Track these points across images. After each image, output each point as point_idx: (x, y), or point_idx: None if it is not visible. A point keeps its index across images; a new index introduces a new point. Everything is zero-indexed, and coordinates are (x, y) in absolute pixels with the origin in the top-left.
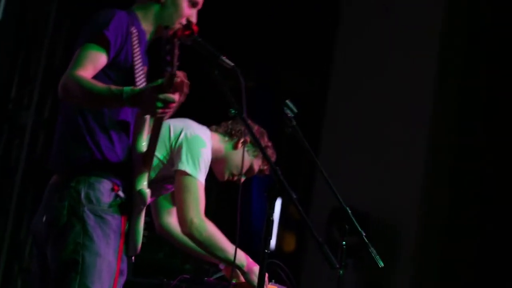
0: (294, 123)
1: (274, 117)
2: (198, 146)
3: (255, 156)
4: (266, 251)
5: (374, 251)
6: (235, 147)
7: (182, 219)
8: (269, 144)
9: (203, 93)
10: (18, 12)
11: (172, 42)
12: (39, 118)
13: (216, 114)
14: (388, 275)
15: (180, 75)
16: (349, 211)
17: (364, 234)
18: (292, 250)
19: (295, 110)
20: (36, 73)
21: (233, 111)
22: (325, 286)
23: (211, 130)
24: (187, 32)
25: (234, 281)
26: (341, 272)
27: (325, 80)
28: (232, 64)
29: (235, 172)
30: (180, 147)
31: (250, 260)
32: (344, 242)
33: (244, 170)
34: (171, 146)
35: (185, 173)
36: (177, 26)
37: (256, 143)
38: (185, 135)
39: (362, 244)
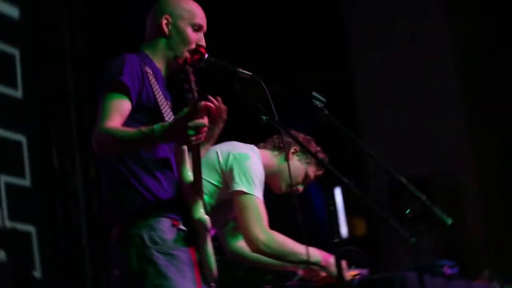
0: (327, 112)
1: (309, 115)
2: (248, 163)
3: (308, 163)
4: (336, 240)
5: (439, 211)
6: (287, 158)
7: (248, 238)
8: (318, 149)
9: (240, 114)
10: (37, 87)
11: (184, 70)
12: (87, 180)
13: (258, 131)
14: (461, 232)
15: (216, 102)
16: (404, 180)
17: (424, 198)
18: (364, 234)
19: (323, 99)
20: (71, 137)
21: (264, 117)
22: (405, 260)
23: (259, 147)
24: (196, 57)
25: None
26: (413, 240)
27: (346, 63)
28: (250, 73)
29: (292, 182)
30: (231, 169)
31: (325, 253)
32: (407, 211)
33: (301, 179)
34: (222, 169)
35: (241, 192)
36: (186, 54)
37: (304, 149)
38: (234, 156)
39: (427, 209)
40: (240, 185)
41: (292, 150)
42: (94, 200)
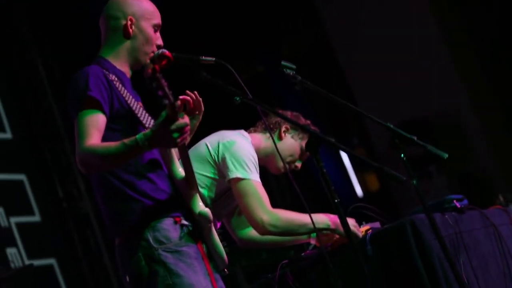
0: (299, 78)
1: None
2: (236, 148)
3: (302, 139)
4: (336, 200)
5: (433, 148)
6: (279, 137)
7: (254, 223)
8: (308, 122)
9: (221, 103)
10: (24, 124)
11: (155, 78)
12: (95, 201)
13: (245, 117)
14: (472, 164)
15: (192, 95)
16: (391, 126)
17: (415, 138)
18: (378, 188)
19: (293, 66)
20: (69, 164)
21: (237, 98)
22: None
23: (249, 132)
24: (164, 62)
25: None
26: (414, 182)
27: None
28: (213, 58)
29: (289, 160)
30: (223, 158)
31: (332, 216)
32: (402, 155)
33: (298, 155)
34: (215, 161)
35: (238, 180)
36: (150, 54)
37: (295, 124)
38: (223, 145)
39: (426, 152)
40: (234, 173)
41: (283, 129)
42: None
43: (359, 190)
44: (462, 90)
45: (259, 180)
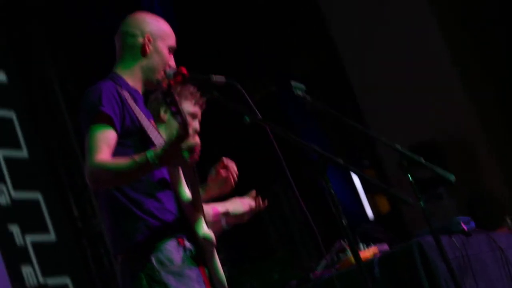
0: (309, 98)
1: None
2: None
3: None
4: (343, 221)
5: (440, 169)
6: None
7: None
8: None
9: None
10: (40, 143)
11: (169, 93)
12: None
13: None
14: (481, 186)
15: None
16: (399, 147)
17: (422, 160)
18: (389, 210)
19: (303, 86)
20: (84, 183)
21: (247, 118)
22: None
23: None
24: (179, 79)
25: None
26: (421, 204)
27: (334, 51)
28: (224, 78)
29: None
30: None
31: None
32: (409, 177)
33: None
34: None
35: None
36: (162, 73)
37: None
38: None
39: (435, 174)
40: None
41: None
42: None
43: (369, 212)
44: (471, 112)
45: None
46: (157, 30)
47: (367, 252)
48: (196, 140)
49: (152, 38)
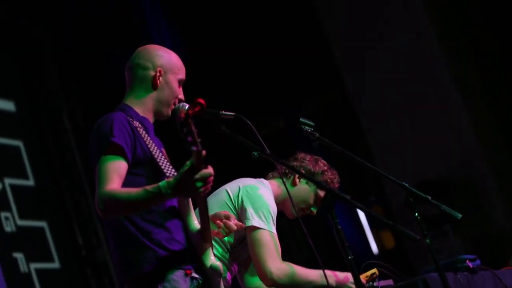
0: (317, 135)
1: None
2: (258, 197)
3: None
4: (350, 257)
5: (447, 207)
6: (293, 184)
7: (262, 274)
8: (325, 168)
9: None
10: (47, 172)
11: (187, 123)
12: None
13: (261, 167)
14: (488, 224)
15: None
16: (406, 185)
17: (429, 198)
18: (393, 246)
19: (311, 123)
20: (90, 213)
21: (255, 153)
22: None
23: (268, 178)
24: (197, 109)
25: None
26: (427, 241)
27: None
28: (233, 113)
29: (303, 206)
30: (242, 204)
31: (338, 273)
32: (416, 214)
33: (312, 201)
34: (235, 206)
35: (254, 228)
36: (172, 106)
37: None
38: (244, 191)
39: (442, 211)
40: (252, 221)
41: (297, 175)
42: None
43: (374, 247)
44: (477, 150)
45: (275, 231)
46: (168, 63)
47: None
48: (210, 170)
49: (163, 71)
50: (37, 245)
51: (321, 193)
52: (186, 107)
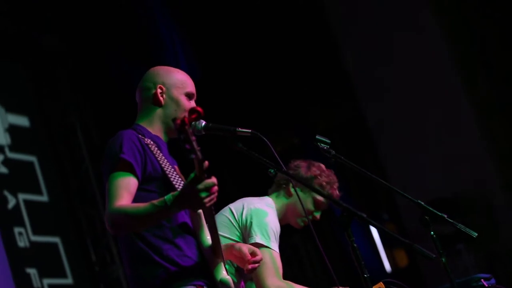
0: (333, 152)
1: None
2: (262, 217)
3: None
4: (366, 275)
5: (463, 226)
6: (288, 194)
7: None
8: (318, 172)
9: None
10: (60, 188)
11: (183, 130)
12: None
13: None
14: (500, 243)
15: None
16: (422, 203)
17: (445, 216)
18: (406, 264)
19: (327, 140)
20: (103, 230)
21: (272, 170)
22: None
23: (268, 194)
24: (194, 116)
25: None
26: (443, 260)
27: (355, 104)
28: (249, 130)
29: (304, 214)
30: (246, 223)
31: None
32: (432, 233)
33: (312, 207)
34: (239, 224)
35: (256, 245)
36: (182, 114)
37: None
38: (248, 210)
39: (456, 229)
40: (255, 238)
41: (290, 186)
42: None
43: (387, 265)
44: (491, 167)
45: (277, 250)
46: (170, 79)
47: None
48: (213, 180)
49: (166, 87)
50: (50, 261)
51: (319, 197)
52: (203, 124)
